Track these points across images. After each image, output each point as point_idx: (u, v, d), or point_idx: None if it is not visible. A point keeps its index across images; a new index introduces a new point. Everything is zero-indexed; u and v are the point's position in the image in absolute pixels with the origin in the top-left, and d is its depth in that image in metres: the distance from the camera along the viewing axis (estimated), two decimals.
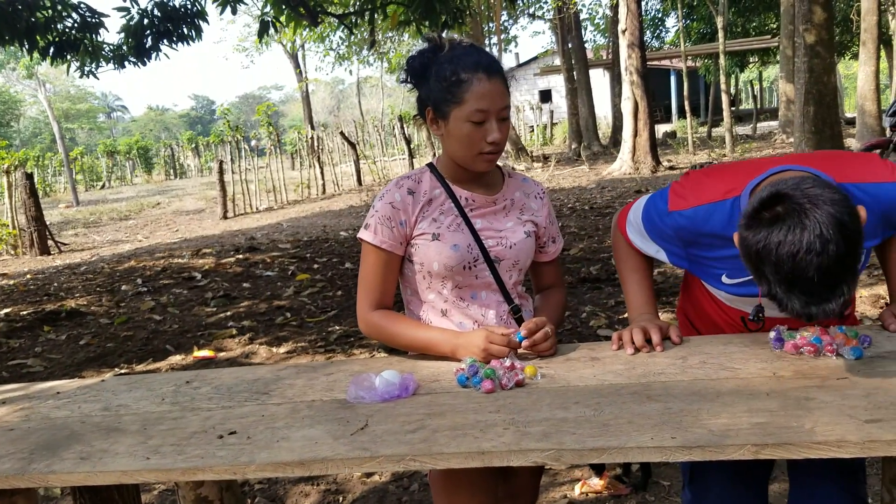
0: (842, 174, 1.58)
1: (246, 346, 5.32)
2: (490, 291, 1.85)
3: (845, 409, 1.29)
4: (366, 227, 1.81)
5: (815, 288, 1.31)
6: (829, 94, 10.17)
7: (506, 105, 1.76)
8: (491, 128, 1.72)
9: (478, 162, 1.77)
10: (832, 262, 1.29)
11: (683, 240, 1.74)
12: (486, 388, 1.52)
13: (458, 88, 1.71)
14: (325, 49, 20.05)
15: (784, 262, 1.31)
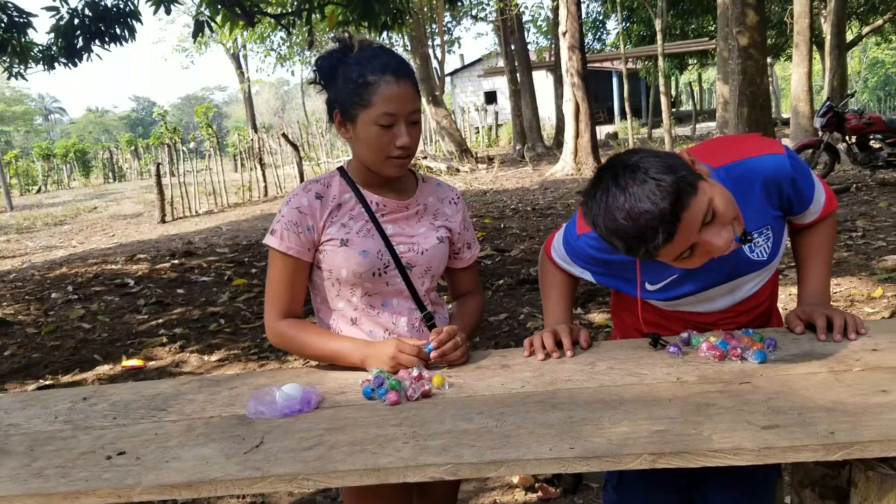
0: (717, 159, 1.61)
1: (176, 355, 5.19)
2: (402, 299, 1.81)
3: (744, 415, 1.28)
4: (271, 232, 1.75)
5: (631, 237, 1.38)
6: (762, 95, 10.40)
7: (415, 109, 1.72)
8: (400, 132, 1.68)
9: (387, 167, 1.73)
10: (638, 213, 1.36)
11: (598, 259, 1.73)
12: (391, 400, 1.48)
13: (365, 91, 1.67)
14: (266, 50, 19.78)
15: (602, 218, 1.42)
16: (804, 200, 1.71)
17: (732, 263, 1.68)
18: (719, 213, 1.40)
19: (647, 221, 1.35)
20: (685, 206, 1.36)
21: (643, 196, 1.35)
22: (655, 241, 1.36)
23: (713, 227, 1.41)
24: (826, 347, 1.58)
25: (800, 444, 1.17)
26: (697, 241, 1.41)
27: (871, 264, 6.04)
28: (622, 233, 1.38)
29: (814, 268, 1.79)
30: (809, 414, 1.26)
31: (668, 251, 1.41)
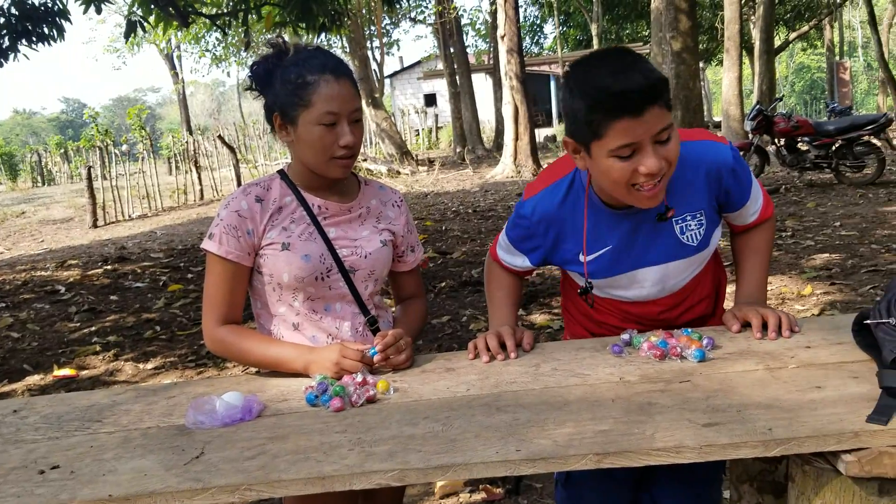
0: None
1: (110, 363, 5.04)
2: (345, 303, 1.79)
3: (685, 413, 1.31)
4: (209, 236, 1.71)
5: (619, 66, 1.47)
6: (695, 98, 10.66)
7: (356, 107, 1.70)
8: (343, 131, 1.66)
9: (331, 167, 1.70)
10: (621, 52, 1.54)
11: (541, 229, 1.76)
12: (334, 406, 1.45)
13: (304, 91, 1.65)
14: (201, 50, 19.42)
15: (582, 63, 1.56)
16: (742, 196, 1.75)
17: (663, 243, 1.72)
18: (669, 146, 1.51)
19: (640, 78, 1.45)
20: (666, 101, 1.49)
21: (642, 66, 1.48)
22: (637, 93, 1.44)
23: (659, 149, 1.50)
24: (762, 345, 1.62)
25: (740, 441, 1.20)
26: (645, 144, 1.48)
27: (800, 263, 6.24)
28: (612, 79, 1.45)
29: (750, 268, 1.84)
30: (748, 411, 1.29)
31: (629, 125, 1.46)
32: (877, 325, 1.42)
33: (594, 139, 1.51)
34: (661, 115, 1.48)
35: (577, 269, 1.79)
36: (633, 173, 1.51)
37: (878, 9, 43.13)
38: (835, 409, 1.27)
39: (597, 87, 1.47)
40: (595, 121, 1.48)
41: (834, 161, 10.32)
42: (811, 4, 25.02)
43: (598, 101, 1.47)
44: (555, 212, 1.74)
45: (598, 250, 1.74)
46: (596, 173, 1.59)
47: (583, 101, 1.49)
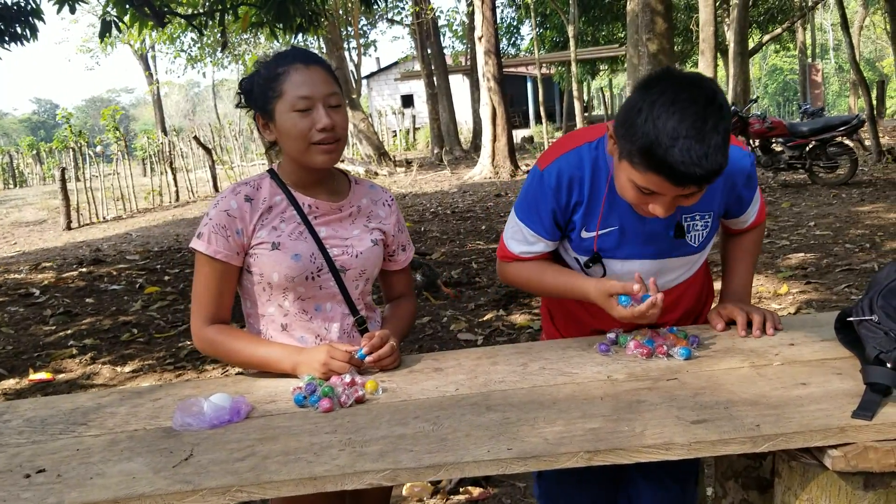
0: None
1: (87, 367, 4.98)
2: (335, 303, 1.78)
3: (673, 410, 1.32)
4: (198, 235, 1.70)
5: (694, 135, 1.40)
6: None
7: (332, 92, 1.69)
8: (318, 115, 1.65)
9: (313, 154, 1.68)
10: (709, 106, 1.42)
11: (561, 189, 1.72)
12: (324, 407, 1.45)
13: (276, 82, 1.67)
14: (176, 51, 19.25)
15: (666, 89, 1.44)
16: (748, 203, 1.79)
17: (666, 238, 1.73)
18: (693, 198, 1.53)
19: (700, 169, 1.40)
20: (709, 182, 1.46)
21: (711, 148, 1.41)
22: (686, 184, 1.43)
23: (680, 200, 1.52)
24: (746, 343, 1.64)
25: (728, 438, 1.21)
26: (670, 198, 1.50)
27: (776, 262, 6.31)
28: (676, 152, 1.39)
29: (738, 269, 1.87)
30: (735, 408, 1.31)
31: (661, 183, 1.46)
32: (859, 322, 1.44)
33: (629, 162, 1.50)
34: (701, 189, 1.50)
35: (579, 242, 1.77)
36: (644, 203, 1.56)
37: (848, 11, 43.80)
38: (820, 405, 1.29)
39: (659, 140, 1.41)
40: (637, 160, 1.47)
41: (808, 162, 10.46)
42: (784, 7, 25.34)
43: (651, 153, 1.43)
44: (575, 171, 1.71)
45: (604, 228, 1.74)
46: (616, 175, 1.60)
47: (641, 136, 1.44)
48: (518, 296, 5.89)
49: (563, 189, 1.72)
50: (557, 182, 1.72)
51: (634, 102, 1.48)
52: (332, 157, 1.71)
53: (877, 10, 31.34)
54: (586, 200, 1.72)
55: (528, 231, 1.80)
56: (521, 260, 1.85)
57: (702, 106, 1.41)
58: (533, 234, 1.80)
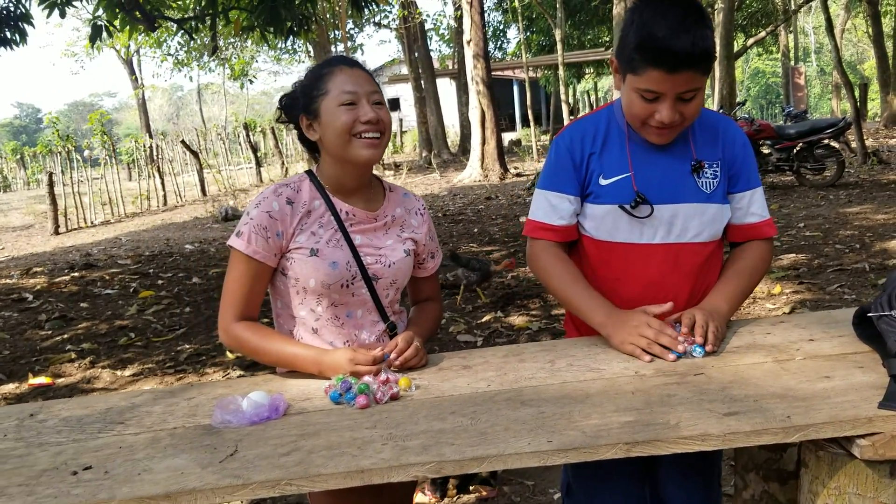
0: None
1: (87, 371, 4.98)
2: (366, 310, 1.81)
3: (704, 404, 1.36)
4: (238, 234, 1.73)
5: (679, 18, 1.59)
6: None
7: (375, 90, 1.77)
8: (364, 109, 1.71)
9: (357, 148, 1.72)
10: (690, 6, 1.63)
11: (575, 144, 1.86)
12: (360, 403, 1.48)
13: (321, 82, 1.74)
14: (163, 54, 19.19)
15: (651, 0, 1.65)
16: (747, 178, 1.86)
17: (679, 182, 1.81)
18: (690, 105, 1.68)
19: (688, 42, 1.57)
20: (703, 68, 1.63)
21: (699, 31, 1.60)
22: (680, 55, 1.58)
23: (679, 104, 1.67)
24: (766, 339, 1.68)
25: (761, 429, 1.25)
26: (668, 97, 1.65)
27: None
28: (665, 32, 1.58)
29: (727, 285, 1.81)
30: (764, 401, 1.35)
31: (661, 77, 1.62)
32: (879, 317, 1.49)
33: (630, 72, 1.68)
34: (693, 78, 1.64)
35: (599, 191, 1.83)
36: (651, 115, 1.70)
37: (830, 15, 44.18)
38: (846, 396, 1.34)
39: (650, 32, 1.61)
40: (636, 59, 1.64)
41: (795, 164, 10.58)
42: (767, 11, 25.60)
43: (644, 46, 1.62)
44: (588, 129, 1.88)
45: (617, 174, 1.82)
46: (623, 97, 1.77)
47: (634, 38, 1.64)
48: (516, 297, 5.93)
49: (576, 145, 1.87)
50: (571, 141, 1.88)
51: (626, 20, 1.70)
52: (375, 151, 1.75)
53: (858, 13, 31.73)
54: (599, 150, 1.85)
55: (551, 195, 1.88)
56: (550, 231, 1.87)
57: (684, 8, 1.62)
58: (556, 194, 1.87)
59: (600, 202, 1.84)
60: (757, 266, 1.87)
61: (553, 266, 1.89)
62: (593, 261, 1.90)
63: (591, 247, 1.90)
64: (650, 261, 1.83)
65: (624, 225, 1.83)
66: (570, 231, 1.90)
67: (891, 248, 6.47)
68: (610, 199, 1.83)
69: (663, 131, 1.73)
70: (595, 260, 1.90)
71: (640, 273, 1.83)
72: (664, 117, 1.68)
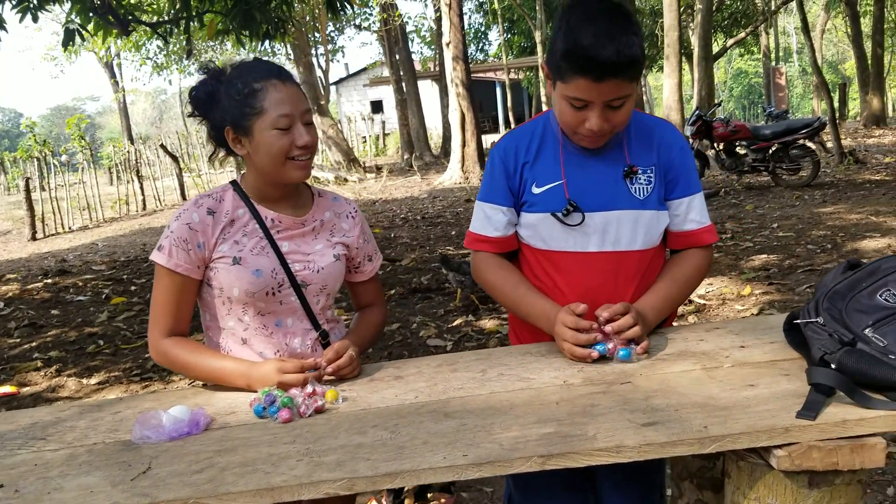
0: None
1: (53, 379, 4.92)
2: (296, 318, 1.79)
3: (626, 413, 1.35)
4: (159, 248, 1.71)
5: (605, 26, 1.58)
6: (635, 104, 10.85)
7: (307, 108, 1.74)
8: (299, 132, 1.69)
9: (290, 169, 1.71)
10: (617, 13, 1.62)
11: (510, 153, 1.86)
12: (283, 417, 1.46)
13: (254, 99, 1.67)
14: (142, 58, 19.08)
15: (579, 7, 1.65)
16: (685, 183, 1.84)
17: (611, 189, 1.79)
18: (619, 112, 1.66)
19: (613, 51, 1.56)
20: (631, 76, 1.61)
21: (624, 38, 1.58)
22: (605, 64, 1.57)
23: (608, 112, 1.65)
24: (698, 346, 1.68)
25: (677, 440, 1.24)
26: (596, 105, 1.64)
27: (740, 264, 6.42)
28: (591, 41, 1.57)
29: (657, 292, 1.79)
30: (685, 410, 1.34)
31: (588, 85, 1.61)
32: (806, 324, 1.49)
33: (559, 79, 1.67)
34: (621, 86, 1.62)
35: (533, 200, 1.83)
36: (581, 122, 1.69)
37: (810, 15, 44.52)
38: (767, 405, 1.33)
39: (576, 40, 1.59)
40: (563, 67, 1.64)
41: (771, 164, 10.63)
42: (747, 12, 25.75)
43: (570, 54, 1.61)
44: (521, 139, 1.87)
45: (549, 182, 1.82)
46: (554, 104, 1.77)
47: (561, 46, 1.63)
48: (487, 300, 5.92)
49: (510, 155, 1.87)
50: (505, 151, 1.87)
51: (555, 27, 1.69)
52: (306, 171, 1.76)
53: (838, 13, 31.98)
54: (533, 159, 1.85)
55: (486, 206, 1.89)
56: (487, 243, 1.89)
57: (611, 16, 1.61)
58: (490, 205, 1.88)
59: (534, 210, 1.84)
60: (692, 274, 1.85)
61: (495, 275, 1.89)
62: (533, 270, 1.89)
63: (530, 255, 1.90)
64: (587, 269, 1.81)
65: (558, 233, 1.82)
66: (507, 242, 1.90)
67: (862, 248, 6.51)
68: (543, 208, 1.82)
69: (592, 138, 1.73)
70: (535, 269, 1.89)
71: (578, 281, 1.82)
72: (593, 125, 1.67)
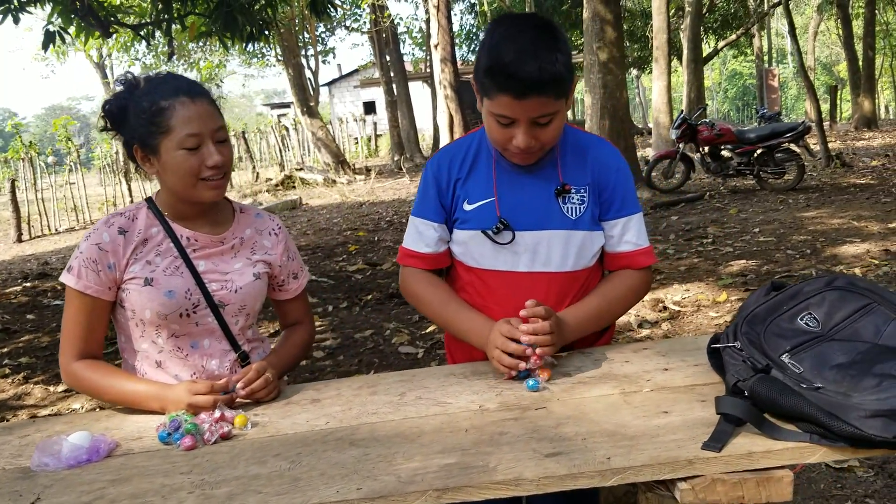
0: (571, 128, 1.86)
1: (20, 387, 4.87)
2: (213, 339, 1.74)
3: (532, 443, 1.31)
4: (68, 269, 1.66)
5: (529, 43, 1.55)
6: (622, 108, 10.83)
7: (219, 126, 1.68)
8: (208, 151, 1.64)
9: (201, 190, 1.67)
10: (542, 30, 1.59)
11: (442, 170, 1.82)
12: (185, 445, 1.42)
13: (161, 117, 1.62)
14: (131, 59, 19.02)
15: (503, 23, 1.63)
16: (621, 204, 1.79)
17: (543, 208, 1.75)
18: (547, 129, 1.62)
19: (534, 69, 1.52)
20: (556, 92, 1.57)
21: (547, 55, 1.54)
22: (526, 82, 1.53)
23: (535, 129, 1.61)
24: (622, 368, 1.64)
25: (577, 472, 1.20)
26: (521, 122, 1.60)
27: (718, 270, 6.38)
28: (512, 57, 1.54)
29: (588, 302, 1.76)
30: (593, 439, 1.30)
31: (511, 103, 1.57)
32: (723, 348, 1.45)
33: (484, 95, 1.64)
34: (545, 103, 1.59)
35: (465, 217, 1.79)
36: (508, 140, 1.64)
37: (804, 17, 44.60)
38: (675, 435, 1.29)
39: (498, 57, 1.56)
40: (486, 83, 1.60)
41: (756, 168, 10.61)
42: (739, 14, 25.75)
43: (492, 71, 1.57)
44: (455, 154, 1.84)
45: (481, 199, 1.78)
46: (483, 120, 1.72)
47: (485, 61, 1.59)
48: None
49: (443, 171, 1.83)
50: (438, 167, 1.84)
51: (480, 43, 1.66)
52: (220, 192, 1.71)
53: (830, 15, 32.02)
54: (466, 175, 1.81)
55: (419, 221, 1.85)
56: (417, 259, 1.85)
57: (536, 33, 1.57)
58: (422, 221, 1.84)
59: (465, 228, 1.80)
60: (624, 293, 1.81)
61: (423, 291, 1.85)
62: (465, 287, 1.86)
63: (462, 273, 1.87)
64: (517, 289, 1.78)
65: (488, 252, 1.78)
66: (438, 259, 1.86)
67: (841, 254, 6.49)
68: (474, 225, 1.78)
69: (524, 155, 1.69)
70: (466, 287, 1.85)
71: (507, 301, 1.78)
72: (520, 143, 1.63)
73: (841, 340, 1.38)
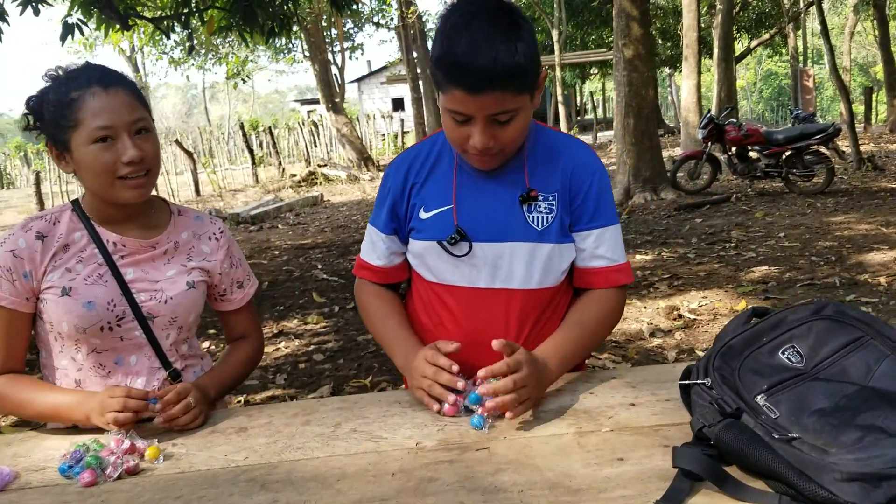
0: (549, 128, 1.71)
1: None
2: (141, 355, 1.60)
3: (462, 494, 1.14)
4: None
5: (484, 32, 1.37)
6: (648, 106, 10.57)
7: (139, 117, 1.51)
8: (124, 145, 1.48)
9: (120, 190, 1.51)
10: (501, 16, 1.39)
11: (399, 173, 1.67)
12: (84, 480, 1.27)
13: (69, 110, 1.47)
14: (159, 53, 19.09)
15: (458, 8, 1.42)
16: (593, 214, 1.60)
17: (504, 217, 1.58)
18: (506, 128, 1.44)
19: (489, 59, 1.35)
20: (515, 87, 1.40)
21: (505, 45, 1.36)
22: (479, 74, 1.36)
23: (493, 128, 1.44)
24: (584, 402, 1.46)
25: None
26: (477, 120, 1.43)
27: (739, 276, 6.14)
28: (464, 48, 1.37)
29: (567, 333, 1.56)
30: (531, 492, 1.13)
31: (464, 98, 1.40)
32: (691, 385, 1.27)
33: (439, 89, 1.46)
34: (502, 98, 1.40)
35: (421, 225, 1.64)
36: (466, 139, 1.47)
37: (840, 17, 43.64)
38: (626, 490, 1.11)
39: (450, 47, 1.39)
40: (438, 76, 1.43)
41: (784, 170, 10.29)
42: (772, 12, 25.21)
43: (443, 62, 1.41)
44: (414, 159, 1.67)
45: (439, 207, 1.62)
46: (441, 119, 1.54)
47: (437, 51, 1.42)
48: None
49: (399, 176, 1.67)
50: (395, 172, 1.69)
51: (435, 31, 1.49)
52: (141, 191, 1.54)
53: (867, 16, 31.25)
54: (423, 181, 1.64)
55: (373, 231, 1.72)
56: (368, 270, 1.73)
57: (493, 18, 1.39)
58: (375, 231, 1.70)
59: (421, 238, 1.64)
60: (602, 318, 1.61)
61: (369, 304, 1.72)
62: (423, 302, 1.70)
63: (420, 287, 1.71)
64: (475, 306, 1.61)
65: (445, 264, 1.62)
66: (389, 273, 1.71)
67: (866, 261, 6.21)
68: (430, 235, 1.62)
69: (483, 157, 1.51)
70: (424, 301, 1.70)
71: (464, 319, 1.62)
72: (476, 142, 1.45)
73: (825, 381, 1.19)
